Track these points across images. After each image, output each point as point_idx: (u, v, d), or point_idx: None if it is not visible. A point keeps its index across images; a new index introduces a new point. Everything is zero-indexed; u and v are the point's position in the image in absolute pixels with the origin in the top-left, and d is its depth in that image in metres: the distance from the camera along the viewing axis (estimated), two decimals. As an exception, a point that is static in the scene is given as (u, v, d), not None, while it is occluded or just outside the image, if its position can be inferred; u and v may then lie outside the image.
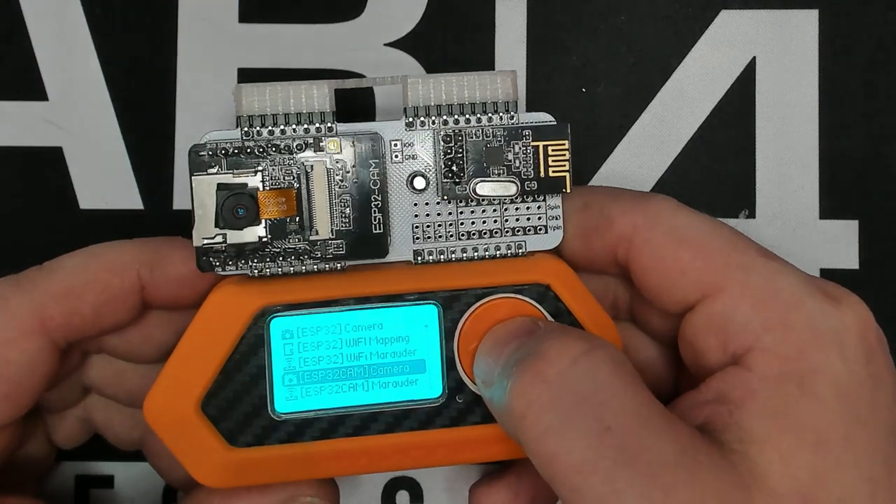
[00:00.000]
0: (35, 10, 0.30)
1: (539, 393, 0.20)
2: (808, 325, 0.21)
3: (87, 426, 0.27)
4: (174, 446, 0.23)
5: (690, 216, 0.23)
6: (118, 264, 0.24)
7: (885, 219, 0.29)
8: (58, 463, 0.29)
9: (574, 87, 0.30)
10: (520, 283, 0.24)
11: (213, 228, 0.23)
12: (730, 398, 0.21)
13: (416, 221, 0.24)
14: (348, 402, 0.23)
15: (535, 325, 0.23)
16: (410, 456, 0.24)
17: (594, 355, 0.21)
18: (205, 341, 0.23)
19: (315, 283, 0.23)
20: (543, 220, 0.24)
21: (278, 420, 0.23)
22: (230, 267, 0.23)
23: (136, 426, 0.27)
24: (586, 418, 0.20)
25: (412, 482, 0.30)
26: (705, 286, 0.22)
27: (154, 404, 0.23)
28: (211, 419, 0.23)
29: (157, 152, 0.30)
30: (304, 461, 0.23)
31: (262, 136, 0.23)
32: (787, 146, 0.29)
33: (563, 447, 0.20)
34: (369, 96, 0.30)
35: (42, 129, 0.30)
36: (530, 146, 0.24)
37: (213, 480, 0.23)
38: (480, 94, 0.24)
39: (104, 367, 0.26)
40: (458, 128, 0.24)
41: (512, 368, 0.21)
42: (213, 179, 0.23)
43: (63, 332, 0.23)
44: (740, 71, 0.29)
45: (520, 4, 0.30)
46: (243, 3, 0.30)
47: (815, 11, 0.29)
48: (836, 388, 0.21)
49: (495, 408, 0.22)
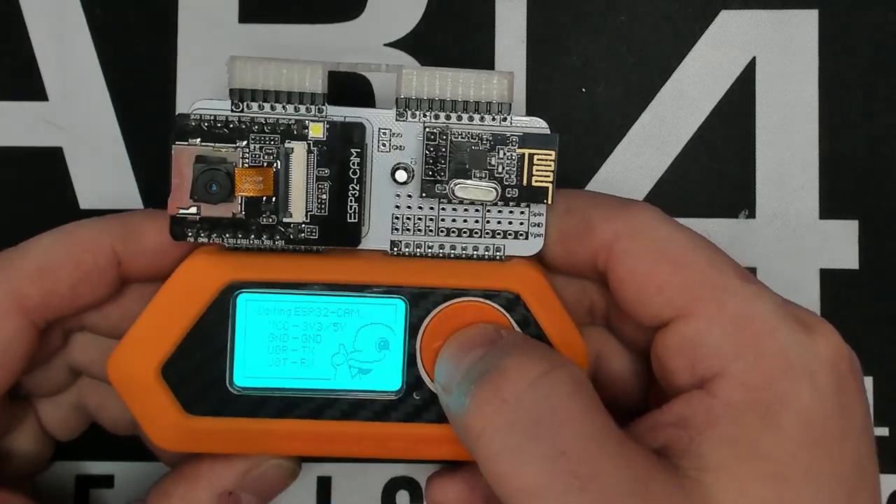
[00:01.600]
0: (35, 10, 0.30)
1: (496, 412, 0.20)
2: (779, 353, 0.21)
3: (81, 413, 0.27)
4: (133, 407, 0.23)
5: (672, 229, 0.23)
6: (91, 241, 0.24)
7: (885, 219, 0.29)
8: (58, 463, 0.29)
9: (574, 87, 0.30)
10: (490, 289, 0.24)
11: (188, 199, 0.23)
12: (691, 423, 0.21)
13: (396, 212, 0.24)
14: (306, 385, 0.24)
15: (497, 333, 0.23)
16: (363, 446, 0.24)
17: (553, 376, 0.21)
18: (171, 308, 0.23)
19: (288, 263, 0.23)
20: (525, 226, 0.24)
21: (235, 393, 0.24)
22: (202, 237, 0.23)
23: None
24: (542, 442, 0.20)
25: (412, 482, 0.30)
26: (680, 305, 0.22)
27: (117, 365, 0.23)
28: (170, 385, 0.23)
29: (157, 152, 0.30)
30: (258, 437, 0.24)
31: (252, 109, 0.23)
32: (787, 146, 0.29)
33: (517, 470, 0.20)
34: (367, 86, 0.30)
35: (42, 129, 0.30)
36: (515, 153, 0.23)
37: (167, 444, 0.24)
38: (475, 93, 0.23)
39: (88, 346, 0.26)
40: (446, 124, 0.23)
41: (471, 384, 0.21)
42: (193, 151, 0.23)
43: (41, 312, 0.23)
44: (740, 71, 0.29)
45: (520, 4, 0.30)
46: (243, 3, 0.30)
47: (815, 11, 0.29)
48: (802, 420, 0.20)
49: (451, 415, 0.22)
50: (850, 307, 0.29)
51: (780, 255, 0.29)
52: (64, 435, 0.27)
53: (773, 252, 0.29)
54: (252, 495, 0.25)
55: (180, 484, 0.24)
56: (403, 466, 0.30)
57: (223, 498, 0.24)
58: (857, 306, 0.29)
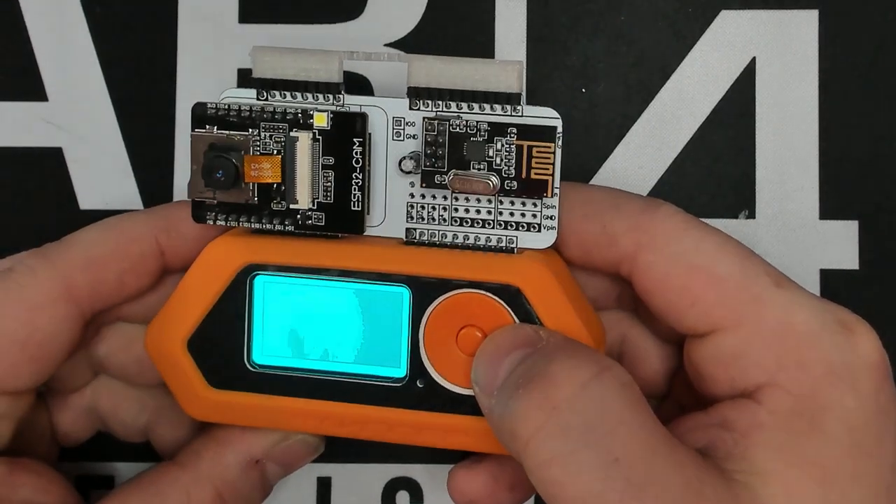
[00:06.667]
0: (35, 10, 0.30)
1: (546, 419, 0.20)
2: (822, 361, 0.21)
3: (92, 418, 0.27)
4: (166, 376, 0.25)
5: (698, 235, 0.22)
6: (135, 232, 0.25)
7: (885, 219, 0.29)
8: (58, 463, 0.29)
9: (574, 87, 0.30)
10: (492, 282, 0.24)
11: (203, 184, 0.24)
12: (736, 426, 0.21)
13: (411, 201, 0.24)
14: (318, 366, 0.25)
15: (536, 334, 0.22)
16: (369, 428, 0.25)
17: (602, 379, 0.20)
18: (197, 285, 0.24)
19: (302, 248, 0.24)
20: (538, 218, 0.24)
21: (252, 370, 0.25)
22: (220, 220, 0.24)
23: (143, 410, 0.27)
24: (595, 448, 0.19)
25: (412, 482, 0.30)
26: (716, 319, 0.22)
27: (151, 336, 0.25)
28: (195, 358, 0.25)
29: (157, 152, 0.30)
30: (273, 413, 0.25)
31: (276, 98, 0.24)
32: (787, 146, 0.29)
33: (570, 477, 0.19)
34: (367, 87, 0.30)
35: (42, 129, 0.30)
36: (514, 144, 0.23)
37: (195, 413, 0.25)
38: (484, 83, 0.23)
39: (113, 338, 0.26)
40: (448, 115, 0.23)
41: (517, 389, 0.21)
42: (208, 138, 0.24)
43: (89, 302, 0.24)
44: (740, 71, 0.29)
45: (520, 4, 0.30)
46: (243, 3, 0.30)
47: (815, 11, 0.29)
48: (847, 424, 0.21)
49: (494, 420, 0.22)
50: (850, 307, 0.29)
51: (780, 255, 0.29)
52: (70, 440, 0.28)
53: (773, 252, 0.29)
54: (277, 465, 0.26)
55: (211, 446, 0.25)
56: (403, 467, 0.30)
57: (251, 464, 0.25)
58: (858, 306, 0.29)
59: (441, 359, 0.24)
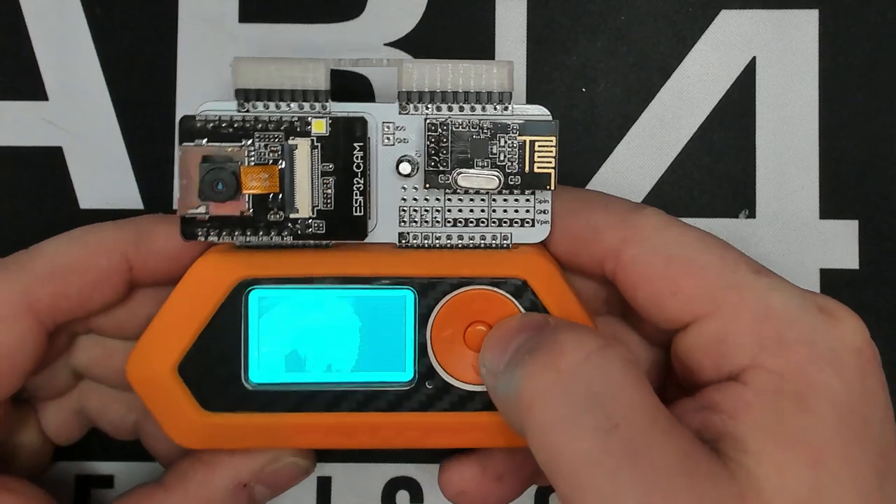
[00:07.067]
0: (35, 10, 0.30)
1: (551, 383, 0.20)
2: (804, 341, 0.21)
3: (81, 418, 0.27)
4: (151, 405, 0.24)
5: (679, 231, 0.23)
6: (103, 245, 0.24)
7: (885, 219, 0.29)
8: (58, 463, 0.29)
9: (574, 87, 0.30)
10: (497, 277, 0.24)
11: (197, 199, 0.23)
12: (723, 408, 0.21)
13: (403, 205, 0.24)
14: (320, 378, 0.24)
15: (545, 321, 0.23)
16: (379, 436, 0.24)
17: (607, 352, 0.21)
18: (186, 306, 0.24)
19: (297, 259, 0.24)
20: (532, 213, 0.24)
21: (251, 389, 0.24)
22: (212, 236, 0.23)
23: (131, 410, 0.27)
24: (596, 414, 0.20)
25: (412, 482, 0.30)
26: (697, 307, 0.22)
27: (135, 363, 0.24)
28: (187, 382, 0.24)
29: (157, 152, 0.30)
30: (275, 431, 0.24)
31: (258, 109, 0.23)
32: (787, 146, 0.29)
33: (570, 440, 0.20)
34: (367, 86, 0.30)
35: (42, 129, 0.30)
36: (516, 140, 0.24)
37: (186, 441, 0.24)
38: (475, 83, 0.24)
39: (92, 348, 0.26)
40: (448, 115, 0.24)
41: (524, 357, 0.21)
42: (199, 151, 0.23)
43: (51, 314, 0.24)
44: (740, 71, 0.29)
45: (520, 4, 0.30)
46: (243, 3, 0.30)
47: (815, 11, 0.29)
48: (834, 406, 0.21)
49: (500, 397, 0.22)
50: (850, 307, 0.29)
51: (780, 255, 0.29)
52: (63, 439, 0.28)
53: (773, 252, 0.29)
54: (265, 488, 0.25)
55: (198, 468, 0.25)
56: (403, 466, 0.30)
57: (238, 488, 0.25)
58: (857, 306, 0.29)
59: (450, 358, 0.24)
